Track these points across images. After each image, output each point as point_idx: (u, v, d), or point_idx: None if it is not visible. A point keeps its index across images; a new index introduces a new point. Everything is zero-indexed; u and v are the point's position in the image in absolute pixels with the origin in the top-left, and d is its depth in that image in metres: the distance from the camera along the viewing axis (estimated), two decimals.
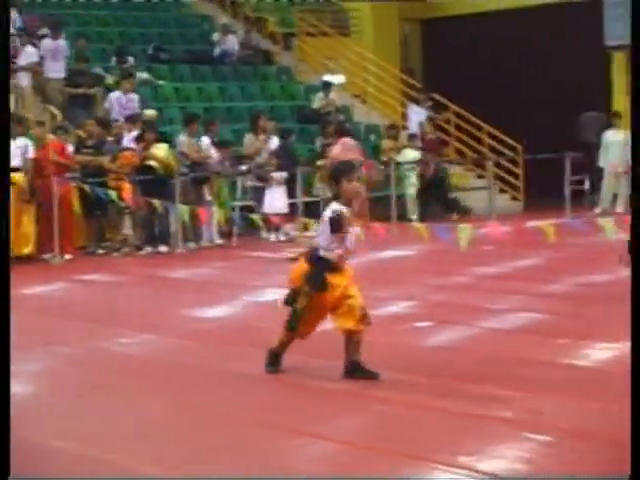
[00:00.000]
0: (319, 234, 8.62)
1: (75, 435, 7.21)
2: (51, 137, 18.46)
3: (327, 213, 8.48)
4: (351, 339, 8.48)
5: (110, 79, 23.54)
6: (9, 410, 4.95)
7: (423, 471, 6.23)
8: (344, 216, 8.36)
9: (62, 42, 23.47)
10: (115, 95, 22.29)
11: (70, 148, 18.76)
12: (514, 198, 25.75)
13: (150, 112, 21.28)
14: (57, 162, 17.99)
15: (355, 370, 8.48)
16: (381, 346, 9.90)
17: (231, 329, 11.43)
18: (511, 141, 25.37)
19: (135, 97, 22.24)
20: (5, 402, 4.97)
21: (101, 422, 7.66)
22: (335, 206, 8.41)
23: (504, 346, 9.93)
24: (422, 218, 21.34)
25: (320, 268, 8.42)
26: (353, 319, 8.39)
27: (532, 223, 14.35)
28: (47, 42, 23.48)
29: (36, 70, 23.72)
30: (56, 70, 22.94)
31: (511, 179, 25.75)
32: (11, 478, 4.78)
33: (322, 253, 8.47)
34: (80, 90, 22.35)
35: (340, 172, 8.58)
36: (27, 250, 17.75)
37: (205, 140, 20.12)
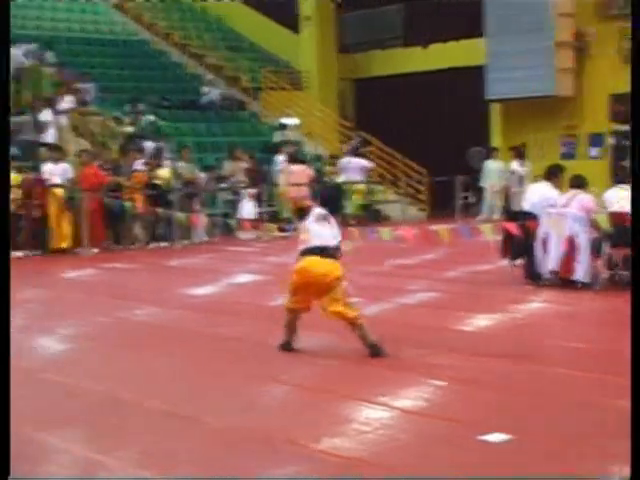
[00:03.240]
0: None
1: (102, 379, 7.23)
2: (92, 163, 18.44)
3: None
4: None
5: (127, 127, 23.42)
6: (9, 411, 4.72)
7: (353, 407, 6.29)
8: None
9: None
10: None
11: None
12: (420, 209, 25.84)
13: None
14: (93, 180, 17.94)
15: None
16: (324, 317, 9.98)
17: (215, 302, 11.45)
18: (418, 167, 25.47)
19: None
20: (5, 403, 4.68)
21: (121, 370, 7.68)
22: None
23: (413, 316, 10.00)
24: None
25: None
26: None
27: (433, 227, 14.41)
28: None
29: (72, 114, 23.58)
30: None
31: (418, 195, 25.86)
32: (11, 478, 4.50)
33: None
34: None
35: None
36: (65, 245, 17.69)
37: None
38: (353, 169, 23.19)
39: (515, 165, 23.44)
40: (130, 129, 23.23)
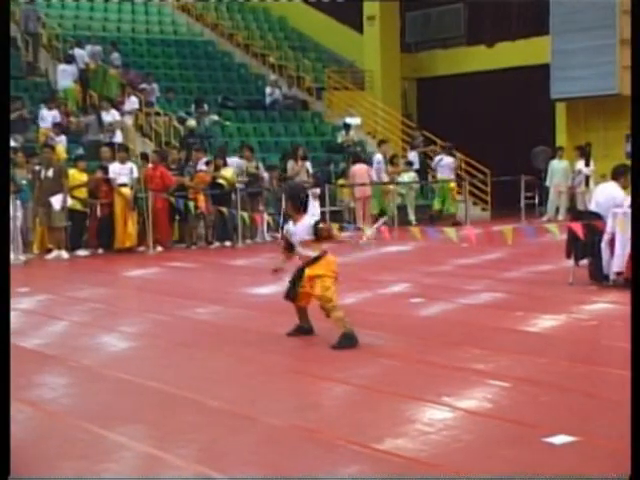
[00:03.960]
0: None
1: (163, 377, 7.25)
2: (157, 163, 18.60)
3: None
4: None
5: (191, 121, 23.57)
6: (9, 410, 4.68)
7: (416, 407, 6.22)
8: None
9: None
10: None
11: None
12: (483, 209, 25.64)
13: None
14: (159, 182, 18.08)
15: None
16: (386, 316, 9.94)
17: (277, 302, 11.37)
18: (482, 167, 25.26)
19: None
20: (5, 403, 4.63)
21: (182, 368, 7.70)
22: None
23: (476, 317, 9.89)
24: None
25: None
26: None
27: (496, 227, 14.28)
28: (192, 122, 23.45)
29: (137, 114, 23.84)
30: None
31: (482, 195, 25.66)
32: (11, 478, 4.46)
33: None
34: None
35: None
36: (129, 244, 17.85)
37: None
38: (445, 167, 23.49)
39: (580, 165, 23.14)
40: (192, 123, 23.38)
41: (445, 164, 23.56)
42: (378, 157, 22.52)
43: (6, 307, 4.86)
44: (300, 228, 8.34)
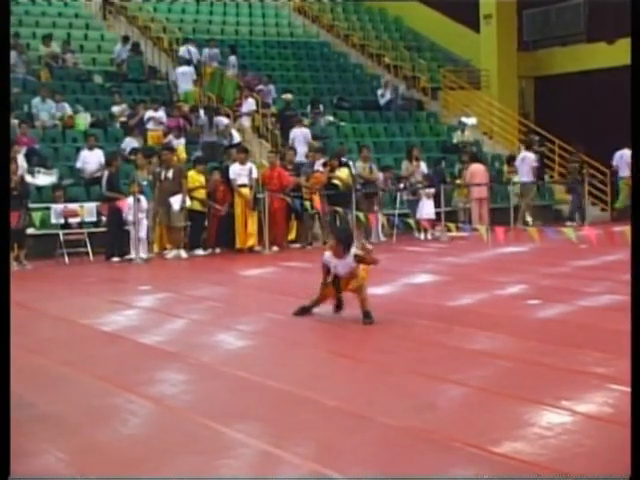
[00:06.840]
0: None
1: (279, 375, 7.31)
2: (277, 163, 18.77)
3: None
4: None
5: (306, 121, 23.72)
6: (9, 410, 4.64)
7: (534, 410, 6.13)
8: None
9: None
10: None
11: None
12: (603, 209, 25.12)
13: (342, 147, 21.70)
14: (276, 182, 18.26)
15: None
16: (502, 317, 9.82)
17: (392, 302, 11.40)
18: (601, 167, 24.74)
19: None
20: (5, 402, 4.59)
21: (297, 367, 7.76)
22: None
23: (596, 319, 9.69)
24: None
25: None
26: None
27: (617, 228, 13.96)
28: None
29: (254, 116, 24.11)
30: None
31: (601, 195, 25.14)
32: (11, 478, 4.47)
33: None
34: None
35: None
36: (250, 243, 18.03)
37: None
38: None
39: None
40: (290, 96, 23.70)
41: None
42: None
43: (6, 307, 4.85)
44: (342, 264, 9.82)
